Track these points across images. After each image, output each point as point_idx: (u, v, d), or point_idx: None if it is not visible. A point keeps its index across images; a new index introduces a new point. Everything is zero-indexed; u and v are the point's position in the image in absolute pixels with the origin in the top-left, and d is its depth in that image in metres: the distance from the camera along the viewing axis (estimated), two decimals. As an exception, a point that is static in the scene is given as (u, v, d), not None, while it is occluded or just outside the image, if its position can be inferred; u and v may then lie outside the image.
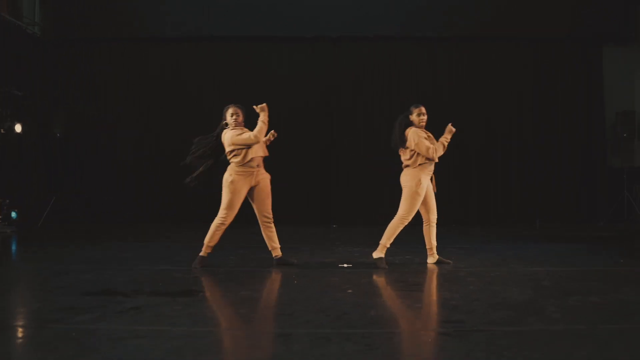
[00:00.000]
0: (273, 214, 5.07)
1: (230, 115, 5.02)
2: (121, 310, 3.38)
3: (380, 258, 5.05)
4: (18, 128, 8.94)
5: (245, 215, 5.16)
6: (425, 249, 5.25)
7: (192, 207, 9.60)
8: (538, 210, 9.68)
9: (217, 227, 4.91)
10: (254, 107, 4.94)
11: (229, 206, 4.88)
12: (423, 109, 5.15)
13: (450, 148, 5.23)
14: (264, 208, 5.04)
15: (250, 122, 5.07)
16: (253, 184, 4.94)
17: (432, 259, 5.20)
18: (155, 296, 3.79)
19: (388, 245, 5.10)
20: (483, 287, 4.12)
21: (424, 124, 5.13)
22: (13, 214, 8.67)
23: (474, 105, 9.83)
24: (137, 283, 4.28)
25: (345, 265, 5.17)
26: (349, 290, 4.02)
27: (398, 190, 5.13)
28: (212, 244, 4.94)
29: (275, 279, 4.59)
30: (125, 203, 9.89)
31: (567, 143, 9.96)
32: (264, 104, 4.95)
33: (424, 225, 5.20)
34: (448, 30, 9.97)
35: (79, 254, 6.10)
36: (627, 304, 3.63)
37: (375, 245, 5.13)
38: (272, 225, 5.08)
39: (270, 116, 4.98)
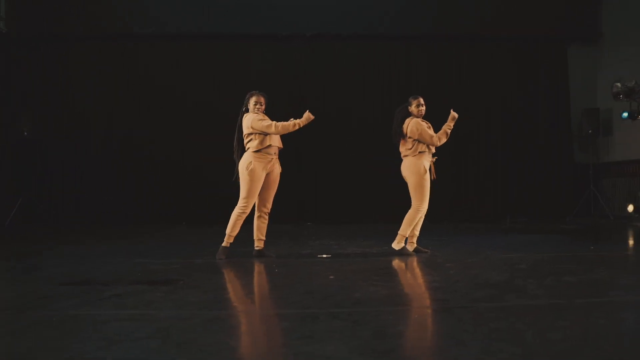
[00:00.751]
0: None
1: (253, 103, 5.02)
2: (102, 298, 3.31)
3: (402, 247, 5.11)
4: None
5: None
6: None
7: (168, 208, 9.52)
8: (508, 206, 9.89)
9: (238, 216, 4.89)
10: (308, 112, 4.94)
11: (250, 194, 4.87)
12: (421, 100, 5.24)
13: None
14: (267, 198, 5.06)
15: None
16: (268, 171, 4.94)
17: (410, 247, 5.25)
18: (136, 284, 3.73)
19: (407, 235, 5.14)
20: (462, 271, 4.19)
21: (422, 114, 5.20)
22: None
23: (444, 104, 9.95)
24: (116, 274, 4.21)
25: (324, 255, 5.18)
26: (331, 277, 4.04)
27: (372, 187, 5.22)
28: (234, 233, 4.93)
29: (257, 269, 4.56)
30: (97, 203, 9.71)
31: (535, 140, 10.22)
32: (312, 117, 4.97)
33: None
34: (420, 29, 10.13)
35: (51, 251, 5.95)
36: (602, 282, 3.74)
37: (352, 240, 5.17)
38: (267, 217, 5.10)
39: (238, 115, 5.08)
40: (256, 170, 4.84)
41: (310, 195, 9.79)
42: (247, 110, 5.04)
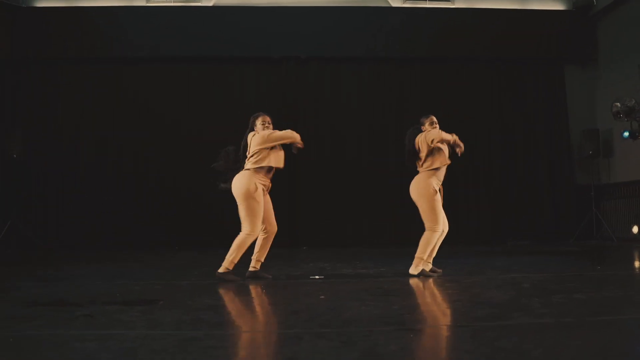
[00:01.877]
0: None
1: (261, 123, 4.92)
2: (71, 318, 3.04)
3: (421, 271, 4.82)
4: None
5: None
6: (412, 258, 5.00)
7: (159, 232, 9.24)
8: (509, 229, 9.63)
9: (245, 241, 4.65)
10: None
11: (259, 216, 4.67)
12: (434, 118, 5.11)
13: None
14: (272, 217, 4.90)
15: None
16: (267, 190, 4.87)
17: (426, 267, 4.94)
18: (111, 305, 3.46)
19: (424, 258, 4.85)
20: (462, 290, 3.93)
21: None
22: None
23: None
24: (91, 295, 3.93)
25: (317, 277, 4.91)
26: (322, 297, 3.77)
27: (370, 210, 5.03)
28: (237, 260, 4.68)
29: (242, 289, 4.29)
30: (86, 227, 9.42)
31: (535, 162, 10.02)
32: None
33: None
34: (413, 50, 10.03)
35: (31, 273, 5.67)
36: (612, 299, 3.47)
37: (348, 262, 4.93)
38: (272, 239, 4.90)
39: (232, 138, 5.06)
40: (259, 191, 4.68)
41: (305, 219, 9.52)
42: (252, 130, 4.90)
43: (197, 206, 9.28)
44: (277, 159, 4.80)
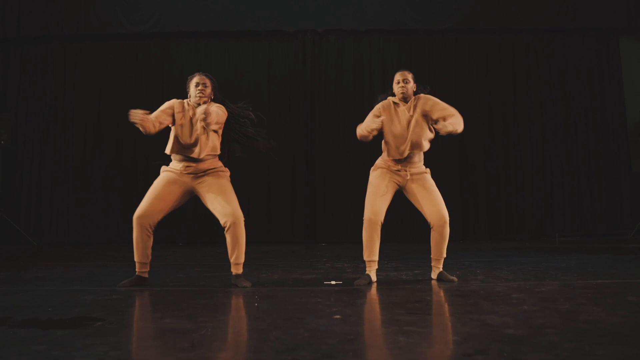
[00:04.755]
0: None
1: (194, 85, 3.86)
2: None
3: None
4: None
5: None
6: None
7: (163, 227, 8.11)
8: (555, 223, 8.34)
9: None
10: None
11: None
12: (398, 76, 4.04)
13: (452, 155, 3.97)
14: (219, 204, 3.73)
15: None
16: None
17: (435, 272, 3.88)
18: (27, 327, 2.34)
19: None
20: (544, 306, 2.72)
21: (400, 95, 3.94)
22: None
23: (477, 106, 8.56)
24: (17, 307, 2.83)
25: (333, 282, 3.74)
26: (337, 316, 2.60)
27: (403, 203, 3.91)
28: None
29: (227, 301, 3.14)
30: (82, 221, 8.37)
31: (584, 147, 8.66)
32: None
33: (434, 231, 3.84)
34: (447, 21, 8.75)
35: None
36: None
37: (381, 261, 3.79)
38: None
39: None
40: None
41: (323, 211, 8.33)
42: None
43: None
44: None
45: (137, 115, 3.48)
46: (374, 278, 3.71)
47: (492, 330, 2.24)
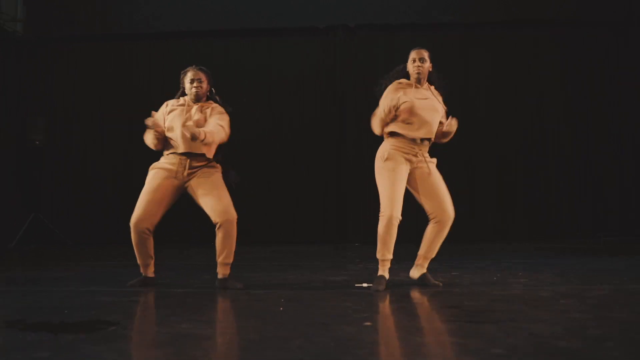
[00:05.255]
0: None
1: (189, 81, 3.60)
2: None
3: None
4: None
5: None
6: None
7: (202, 224, 7.98)
8: (598, 222, 7.87)
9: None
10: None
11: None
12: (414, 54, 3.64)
13: (486, 151, 3.70)
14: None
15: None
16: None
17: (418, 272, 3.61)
18: (35, 330, 2.21)
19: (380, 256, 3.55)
20: (597, 315, 2.45)
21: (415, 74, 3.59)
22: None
23: (515, 101, 8.17)
24: (35, 309, 2.72)
25: (364, 284, 3.53)
26: (367, 323, 2.39)
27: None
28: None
29: (250, 305, 2.95)
30: (116, 222, 8.28)
31: (627, 138, 8.13)
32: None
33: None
34: (482, 15, 8.36)
35: (20, 276, 4.53)
36: None
37: (411, 262, 3.58)
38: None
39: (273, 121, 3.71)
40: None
41: (356, 210, 8.08)
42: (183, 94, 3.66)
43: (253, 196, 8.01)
44: None
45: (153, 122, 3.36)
46: (387, 277, 3.46)
47: (542, 342, 1.99)
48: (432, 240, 3.50)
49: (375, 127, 3.60)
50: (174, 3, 8.65)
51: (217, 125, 3.43)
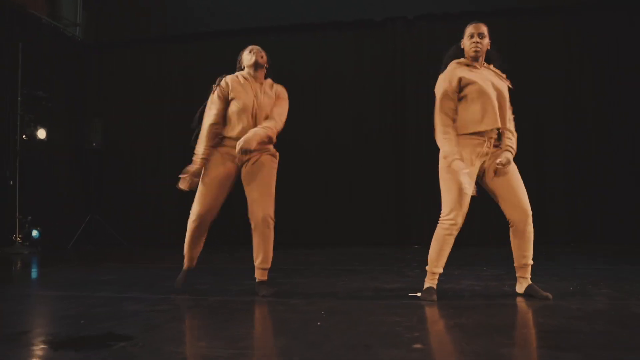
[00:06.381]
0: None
1: (248, 51, 3.48)
2: None
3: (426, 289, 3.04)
4: (42, 134, 7.67)
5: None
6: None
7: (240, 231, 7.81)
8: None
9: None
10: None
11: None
12: (473, 30, 3.10)
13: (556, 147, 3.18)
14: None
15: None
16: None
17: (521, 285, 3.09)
18: (44, 344, 1.97)
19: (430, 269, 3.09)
20: None
21: (472, 53, 3.06)
22: (35, 233, 7.36)
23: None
24: (54, 318, 2.50)
25: (419, 294, 3.12)
26: (417, 345, 2.00)
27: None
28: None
29: (286, 317, 2.62)
30: (169, 225, 8.23)
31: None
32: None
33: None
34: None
35: (69, 277, 4.43)
36: None
37: (472, 267, 3.11)
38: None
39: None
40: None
41: (416, 210, 7.61)
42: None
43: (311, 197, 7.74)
44: None
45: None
46: (435, 288, 3.03)
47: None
48: (518, 246, 3.02)
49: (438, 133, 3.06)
50: (225, 2, 8.53)
51: (278, 116, 3.27)
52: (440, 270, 3.03)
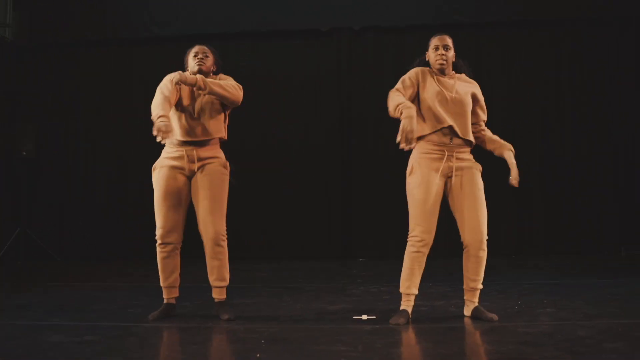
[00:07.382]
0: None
1: (193, 55, 3.30)
2: None
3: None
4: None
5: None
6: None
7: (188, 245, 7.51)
8: (621, 234, 7.25)
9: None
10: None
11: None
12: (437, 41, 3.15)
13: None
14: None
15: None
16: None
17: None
18: None
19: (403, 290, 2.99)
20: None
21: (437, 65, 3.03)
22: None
23: (530, 104, 7.62)
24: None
25: (364, 317, 3.01)
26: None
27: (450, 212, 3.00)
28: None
29: (222, 348, 2.45)
30: (108, 238, 7.81)
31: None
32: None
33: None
34: (496, 13, 7.84)
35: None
36: None
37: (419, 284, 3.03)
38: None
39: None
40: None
41: (360, 222, 7.54)
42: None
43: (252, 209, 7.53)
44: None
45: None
46: (410, 312, 2.95)
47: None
48: (468, 270, 2.95)
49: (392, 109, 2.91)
50: (170, 7, 8.25)
51: (224, 84, 3.15)
52: (415, 292, 2.93)
